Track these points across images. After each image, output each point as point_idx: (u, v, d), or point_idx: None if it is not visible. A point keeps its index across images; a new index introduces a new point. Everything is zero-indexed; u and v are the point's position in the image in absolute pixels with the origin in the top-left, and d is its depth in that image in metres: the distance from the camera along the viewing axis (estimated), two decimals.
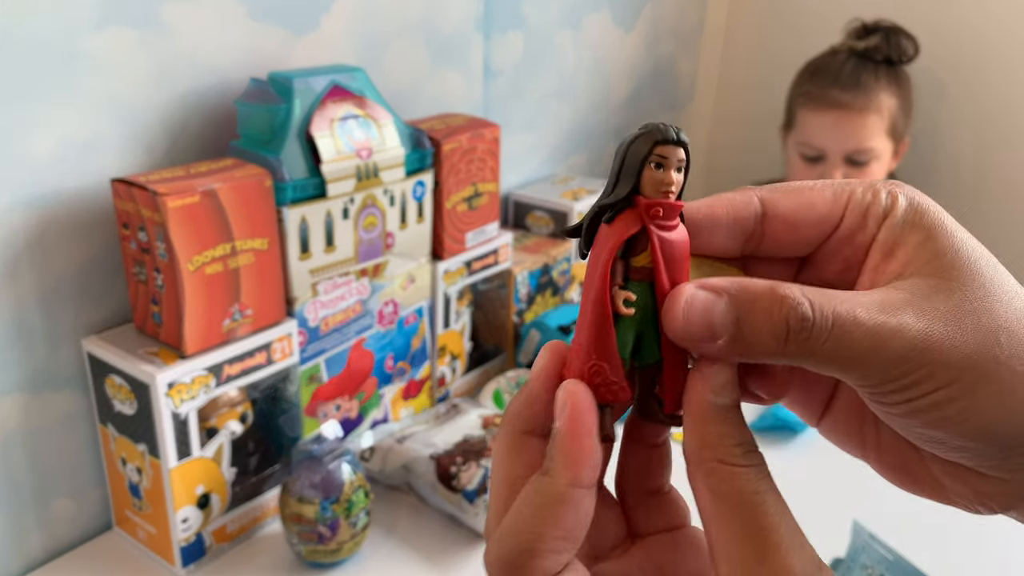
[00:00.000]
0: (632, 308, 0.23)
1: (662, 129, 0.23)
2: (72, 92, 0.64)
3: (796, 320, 0.21)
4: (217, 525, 0.69)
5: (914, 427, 0.23)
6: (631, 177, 0.23)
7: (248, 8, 0.74)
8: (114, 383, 0.65)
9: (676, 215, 0.23)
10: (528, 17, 1.09)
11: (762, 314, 0.21)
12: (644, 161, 0.23)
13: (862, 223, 0.24)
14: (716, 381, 0.22)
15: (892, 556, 0.65)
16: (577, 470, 0.22)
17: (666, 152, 0.22)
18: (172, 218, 0.60)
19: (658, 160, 0.22)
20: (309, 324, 0.73)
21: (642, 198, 0.23)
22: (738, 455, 0.22)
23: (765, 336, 0.21)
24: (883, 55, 1.17)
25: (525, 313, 1.02)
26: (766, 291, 0.21)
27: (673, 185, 0.23)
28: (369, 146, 0.73)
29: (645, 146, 0.23)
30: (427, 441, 0.78)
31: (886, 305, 0.21)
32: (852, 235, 0.24)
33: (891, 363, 0.21)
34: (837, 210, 0.24)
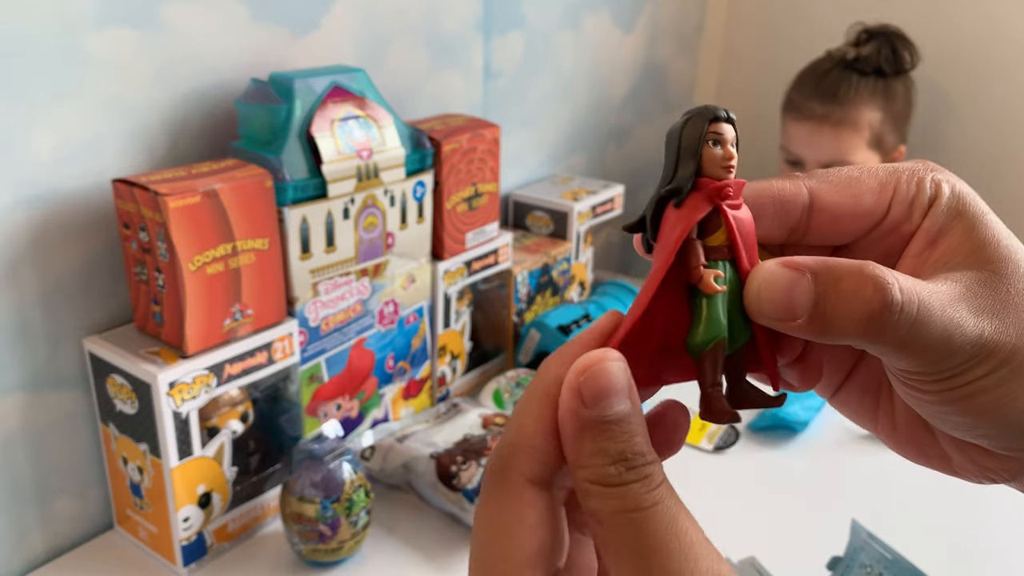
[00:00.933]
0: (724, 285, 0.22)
1: (712, 108, 0.23)
2: (73, 92, 0.64)
3: (885, 303, 0.20)
4: (218, 524, 0.69)
5: (943, 413, 0.23)
6: (692, 158, 0.23)
7: (249, 8, 0.74)
8: (115, 382, 0.65)
9: (740, 193, 0.23)
10: (528, 18, 1.09)
11: (848, 294, 0.21)
12: (702, 140, 0.22)
13: (907, 214, 0.24)
14: (588, 390, 0.20)
15: (891, 555, 0.65)
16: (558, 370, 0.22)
17: (721, 129, 0.23)
18: (173, 218, 0.60)
19: (715, 138, 0.22)
20: (310, 324, 0.73)
21: (708, 179, 0.23)
22: (614, 474, 0.20)
23: (848, 317, 0.21)
24: (872, 66, 1.15)
25: (525, 313, 1.02)
26: (854, 271, 0.21)
27: (734, 160, 0.23)
28: (369, 146, 0.73)
29: (701, 125, 0.23)
30: (427, 440, 0.78)
31: (950, 296, 0.21)
32: (897, 226, 0.24)
33: (950, 352, 0.21)
34: (883, 202, 0.24)
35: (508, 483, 0.21)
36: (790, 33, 1.49)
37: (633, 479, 0.20)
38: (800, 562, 0.68)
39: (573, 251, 1.08)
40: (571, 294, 1.12)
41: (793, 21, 1.49)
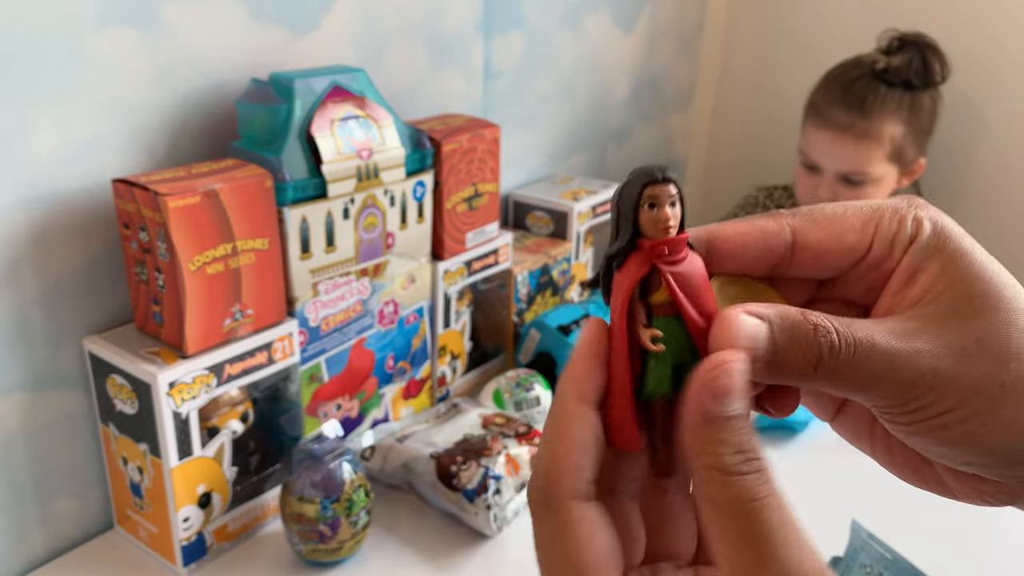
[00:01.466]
0: (661, 344, 0.24)
1: (647, 171, 0.24)
2: (73, 92, 0.64)
3: (826, 348, 0.22)
4: (218, 524, 0.69)
5: (922, 444, 0.24)
6: (629, 222, 0.24)
7: (249, 8, 0.74)
8: (115, 383, 0.65)
9: (682, 248, 0.24)
10: (528, 17, 1.09)
11: (798, 343, 0.22)
12: (637, 204, 0.24)
13: (888, 251, 0.25)
14: (714, 388, 0.22)
15: (891, 555, 0.65)
16: (580, 384, 0.24)
17: (656, 191, 0.23)
18: (173, 218, 0.60)
19: (650, 200, 0.23)
20: (310, 324, 0.73)
21: (645, 240, 0.24)
22: (734, 463, 0.21)
23: (799, 362, 0.22)
24: (902, 78, 1.11)
25: (525, 313, 1.02)
26: (800, 320, 0.23)
27: (670, 221, 0.24)
28: (369, 146, 0.73)
29: (635, 190, 0.24)
30: (427, 440, 0.78)
31: (902, 333, 0.23)
32: (879, 263, 0.25)
33: (903, 387, 0.22)
34: (865, 240, 0.25)
35: (554, 506, 0.23)
36: (790, 33, 1.49)
37: (750, 470, 0.21)
38: None
39: (573, 251, 1.08)
40: (571, 294, 1.12)
41: (793, 21, 1.49)
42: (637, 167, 0.24)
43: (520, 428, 0.80)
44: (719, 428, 0.22)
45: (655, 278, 0.24)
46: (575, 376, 0.24)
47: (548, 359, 0.96)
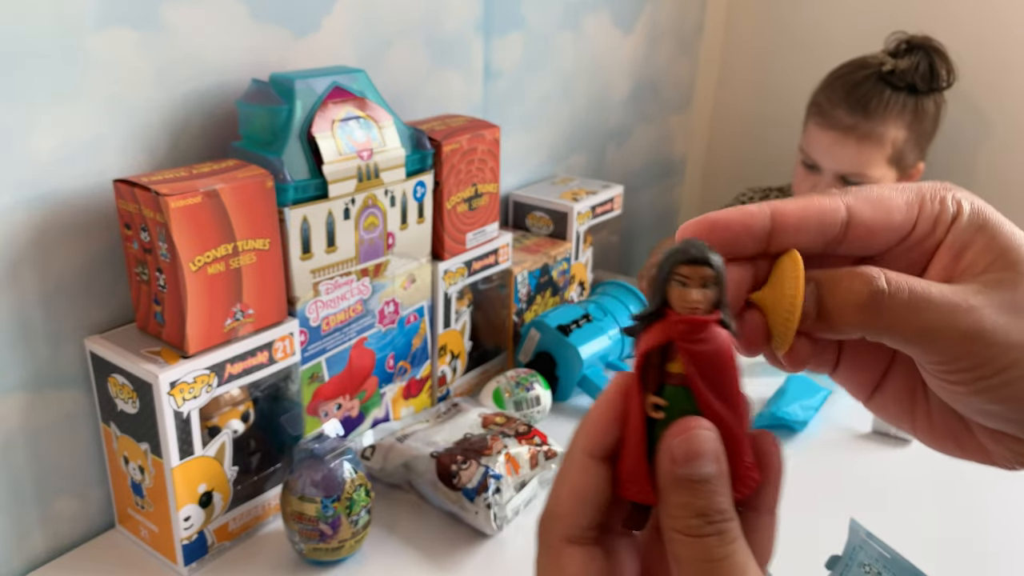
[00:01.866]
0: (662, 412, 0.24)
1: (685, 248, 0.24)
2: (74, 92, 0.64)
3: (872, 291, 0.24)
4: (219, 523, 0.70)
5: (974, 402, 0.25)
6: (658, 293, 0.25)
7: (249, 9, 0.74)
8: (116, 382, 0.65)
9: (704, 330, 0.24)
10: (528, 18, 1.10)
11: (843, 290, 0.24)
12: (667, 279, 0.24)
13: (931, 230, 0.27)
14: (677, 452, 0.23)
15: (889, 554, 0.66)
16: (588, 438, 0.25)
17: (687, 272, 0.24)
18: (174, 218, 0.60)
19: (681, 279, 0.24)
20: (310, 323, 0.73)
21: (672, 312, 0.24)
22: (696, 525, 0.23)
23: (845, 308, 0.24)
24: (907, 81, 1.11)
25: (525, 313, 1.02)
26: (847, 272, 0.25)
27: (698, 303, 0.24)
28: (370, 147, 0.74)
29: (668, 265, 0.24)
30: (428, 440, 0.78)
31: (957, 291, 0.24)
32: (922, 240, 0.27)
33: (962, 339, 0.23)
34: (910, 219, 0.27)
35: (548, 545, 0.25)
36: (789, 34, 1.49)
37: (710, 532, 0.23)
38: (799, 561, 0.68)
39: (573, 251, 1.09)
40: (571, 294, 1.12)
41: (792, 22, 1.49)
42: (686, 239, 0.25)
43: (520, 427, 0.80)
44: (683, 491, 0.23)
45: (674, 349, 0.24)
46: (588, 430, 0.25)
47: (548, 359, 0.96)
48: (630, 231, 1.48)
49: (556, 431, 0.87)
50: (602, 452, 0.25)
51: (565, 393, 0.96)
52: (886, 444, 0.88)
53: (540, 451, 0.78)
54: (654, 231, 1.61)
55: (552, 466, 0.78)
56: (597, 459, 0.25)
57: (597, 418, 0.25)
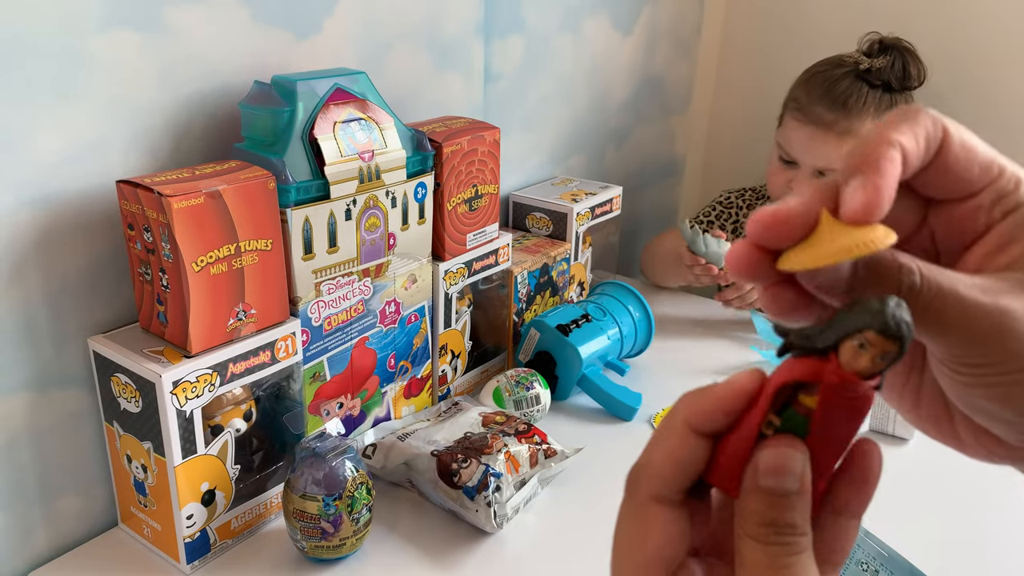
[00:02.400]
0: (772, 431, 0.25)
1: (884, 315, 0.23)
2: (77, 94, 0.65)
3: (907, 285, 0.24)
4: (221, 522, 0.70)
5: (974, 397, 0.25)
6: (834, 336, 0.23)
7: (251, 11, 0.75)
8: (120, 381, 0.66)
9: (856, 392, 0.23)
10: (528, 21, 1.10)
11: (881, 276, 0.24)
12: (851, 334, 0.23)
13: (992, 204, 0.26)
14: (765, 463, 0.24)
15: (887, 552, 0.66)
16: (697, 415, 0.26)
17: (873, 339, 0.23)
18: (177, 219, 0.61)
19: (862, 341, 0.23)
20: (312, 323, 0.74)
21: (836, 361, 0.23)
22: (763, 534, 0.24)
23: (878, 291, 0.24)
24: (883, 79, 1.13)
25: (525, 313, 1.03)
26: (888, 255, 0.24)
27: (864, 372, 0.23)
28: (371, 148, 0.74)
29: (859, 322, 0.23)
30: (428, 438, 0.79)
31: (987, 288, 0.24)
32: (976, 211, 0.26)
33: (980, 338, 0.24)
34: (983, 180, 0.26)
35: (636, 499, 0.26)
36: (787, 35, 1.50)
37: (776, 542, 0.24)
38: None
39: (572, 252, 1.09)
40: (570, 294, 1.13)
41: (790, 23, 1.49)
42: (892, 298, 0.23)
43: (520, 426, 0.81)
44: (761, 499, 0.24)
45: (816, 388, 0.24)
46: (700, 407, 0.26)
47: (547, 358, 0.97)
48: (629, 232, 1.48)
49: (556, 430, 0.88)
50: (705, 431, 0.26)
51: (564, 392, 0.97)
52: (883, 443, 0.89)
53: (540, 450, 0.78)
54: (653, 232, 1.61)
55: (552, 465, 0.78)
56: (697, 434, 0.26)
57: (714, 402, 0.26)
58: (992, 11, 1.30)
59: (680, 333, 1.15)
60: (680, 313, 1.21)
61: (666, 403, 0.96)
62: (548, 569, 0.71)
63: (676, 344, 1.12)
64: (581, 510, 0.78)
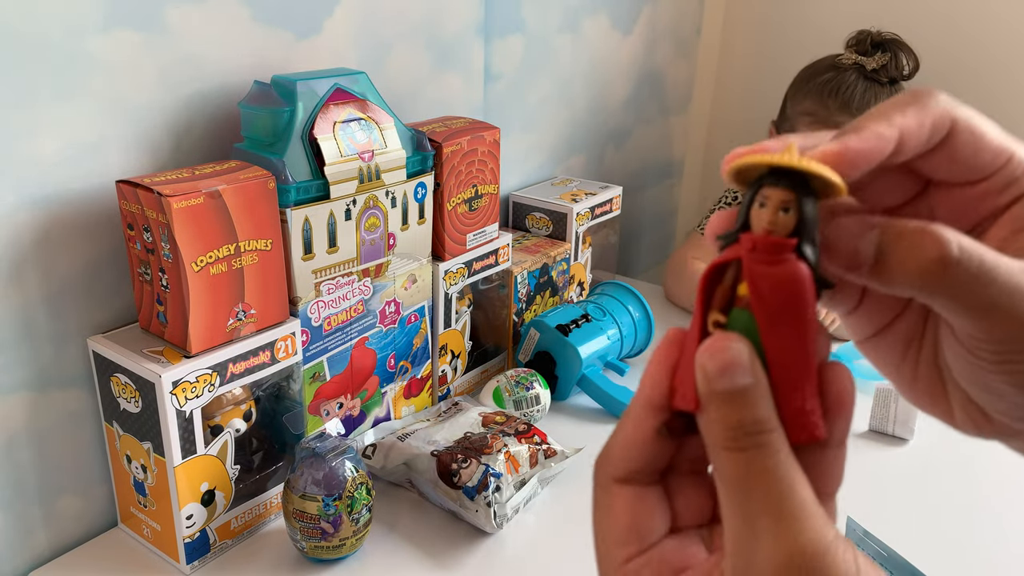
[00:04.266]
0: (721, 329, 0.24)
1: (771, 165, 0.23)
2: (77, 94, 0.64)
3: (942, 256, 0.22)
4: (221, 522, 0.70)
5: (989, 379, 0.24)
6: (742, 214, 0.24)
7: (251, 11, 0.75)
8: (119, 382, 0.66)
9: (781, 252, 0.23)
10: (528, 21, 1.10)
11: (908, 246, 0.22)
12: (752, 199, 0.24)
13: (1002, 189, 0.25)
14: (710, 367, 0.23)
15: (886, 552, 0.66)
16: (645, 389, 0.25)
17: (768, 192, 0.23)
18: (177, 219, 0.61)
19: (761, 199, 0.23)
20: (312, 323, 0.74)
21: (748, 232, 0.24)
22: (733, 437, 0.22)
23: (908, 266, 0.22)
24: (889, 76, 1.15)
25: (525, 313, 1.03)
26: (918, 227, 0.22)
27: (772, 225, 0.23)
28: (371, 148, 0.74)
29: (756, 184, 0.24)
30: (428, 438, 0.79)
31: None
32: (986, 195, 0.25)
33: (1013, 323, 0.22)
34: (994, 166, 0.25)
35: (598, 482, 0.27)
36: (786, 35, 1.50)
37: (750, 445, 0.22)
38: None
39: (572, 252, 1.09)
40: (570, 294, 1.13)
41: (789, 23, 1.49)
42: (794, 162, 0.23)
43: (520, 426, 0.81)
44: (719, 405, 0.23)
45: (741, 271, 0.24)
46: (645, 382, 0.26)
47: (547, 358, 0.97)
48: (629, 232, 1.48)
49: (555, 430, 0.88)
50: (660, 401, 0.25)
51: (564, 392, 0.97)
52: (883, 443, 0.89)
53: (540, 450, 0.78)
54: (653, 232, 1.61)
55: (552, 464, 0.78)
56: (653, 408, 0.25)
57: (653, 369, 0.25)
58: (989, 7, 1.30)
59: None
60: (680, 313, 1.21)
61: None
62: (548, 569, 0.71)
63: None
64: (581, 510, 0.78)
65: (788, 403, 0.23)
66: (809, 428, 0.24)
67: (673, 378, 0.25)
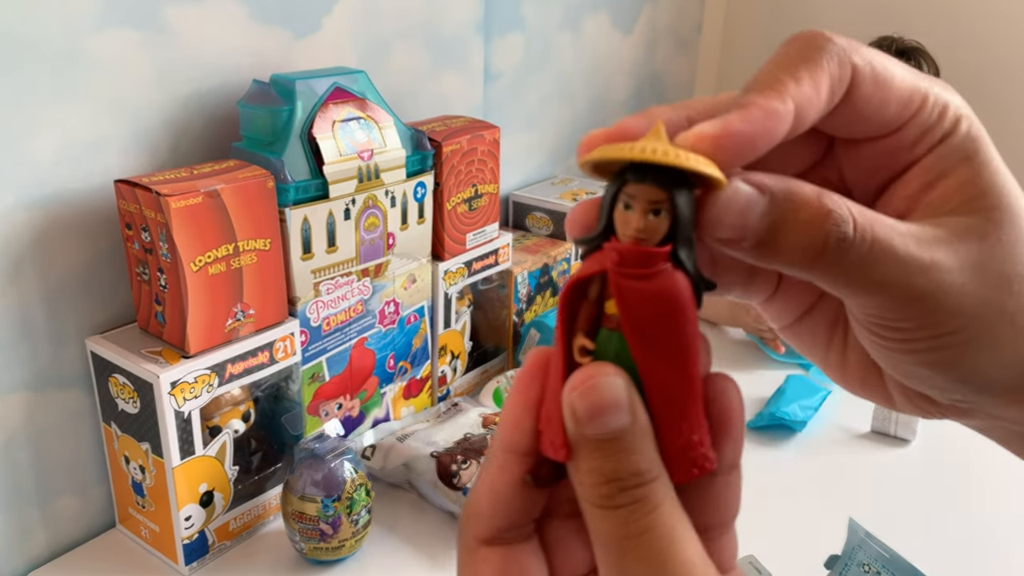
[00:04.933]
0: (589, 357, 0.20)
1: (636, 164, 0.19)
2: (76, 94, 0.64)
3: (835, 238, 0.19)
4: (220, 523, 0.70)
5: (903, 363, 0.22)
6: (604, 215, 0.20)
7: (250, 10, 0.74)
8: (118, 382, 0.65)
9: (652, 263, 0.19)
10: (528, 19, 1.10)
11: (802, 224, 0.19)
12: (613, 200, 0.20)
13: (916, 140, 0.22)
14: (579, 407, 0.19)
15: (888, 553, 0.66)
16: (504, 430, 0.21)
17: (633, 191, 0.19)
18: (175, 219, 0.61)
19: (627, 200, 0.19)
20: (311, 324, 0.74)
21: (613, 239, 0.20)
22: (607, 494, 0.19)
23: (797, 248, 0.19)
24: None
25: (525, 313, 1.03)
26: (812, 199, 0.19)
27: (640, 231, 0.19)
28: (370, 148, 0.74)
29: (615, 183, 0.20)
30: (428, 439, 0.79)
31: (922, 239, 0.20)
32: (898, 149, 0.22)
33: (911, 300, 0.20)
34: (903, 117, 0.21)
35: (464, 545, 0.22)
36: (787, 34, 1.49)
37: (625, 503, 0.19)
38: (798, 560, 0.68)
39: (572, 252, 1.09)
40: None
41: (790, 22, 1.49)
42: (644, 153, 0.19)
43: None
44: (589, 454, 0.19)
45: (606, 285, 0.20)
46: (504, 423, 0.21)
47: None
48: None
49: None
50: (524, 442, 0.21)
51: None
52: (885, 444, 0.88)
53: None
54: None
55: None
56: (518, 454, 0.21)
57: (512, 408, 0.21)
58: (996, 8, 1.30)
59: None
60: None
61: None
62: None
63: None
64: None
65: (672, 439, 0.20)
66: (699, 462, 0.20)
67: (537, 418, 0.21)
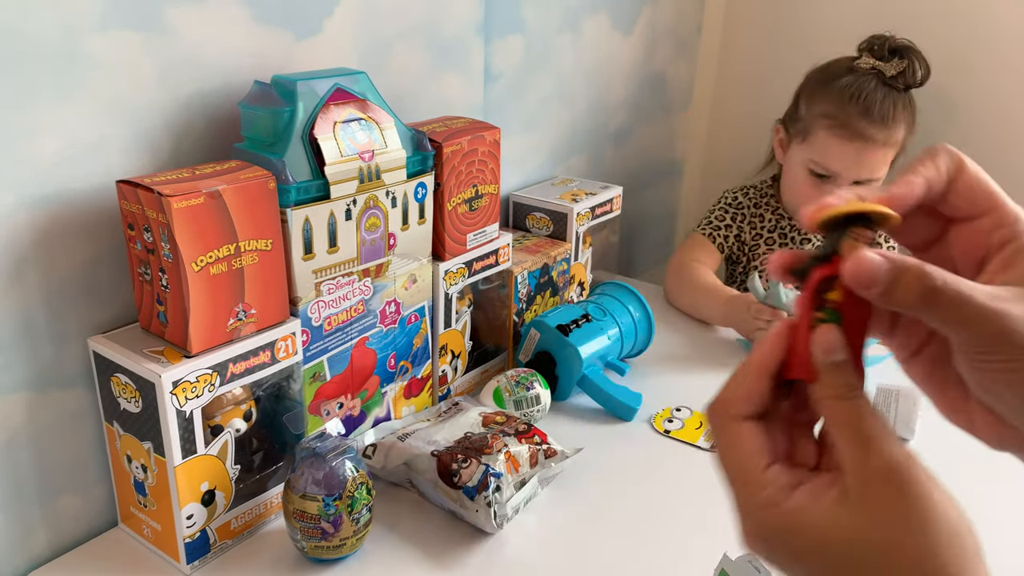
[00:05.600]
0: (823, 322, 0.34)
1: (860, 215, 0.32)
2: (77, 94, 0.64)
3: (930, 287, 0.31)
4: (221, 522, 0.70)
5: (986, 381, 0.32)
6: (832, 244, 0.33)
7: (251, 11, 0.75)
8: (120, 381, 0.66)
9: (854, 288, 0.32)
10: (528, 20, 1.10)
11: (910, 279, 0.31)
12: (844, 234, 0.33)
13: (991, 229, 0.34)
14: (819, 346, 0.33)
15: None
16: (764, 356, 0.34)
17: (859, 232, 0.33)
18: (177, 219, 0.61)
19: (855, 236, 0.33)
20: (312, 323, 0.74)
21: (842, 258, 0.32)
22: (841, 394, 0.33)
23: (908, 292, 0.31)
24: (906, 83, 1.16)
25: (525, 313, 1.03)
26: (915, 264, 0.31)
27: None
28: (371, 148, 0.74)
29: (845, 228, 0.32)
30: (428, 438, 0.79)
31: (994, 295, 0.31)
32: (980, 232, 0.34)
33: (987, 335, 0.31)
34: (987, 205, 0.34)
35: (720, 424, 0.35)
36: (787, 34, 1.50)
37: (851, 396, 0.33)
38: None
39: (572, 251, 1.09)
40: (570, 294, 1.13)
41: (789, 23, 1.49)
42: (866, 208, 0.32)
43: (520, 426, 0.81)
44: (829, 371, 0.33)
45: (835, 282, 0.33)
46: (764, 351, 0.35)
47: (548, 358, 0.97)
48: (630, 232, 1.48)
49: (556, 430, 0.88)
50: (773, 367, 0.34)
51: (565, 392, 0.97)
52: None
53: (540, 450, 0.78)
54: (653, 231, 1.61)
55: (552, 465, 0.78)
56: (769, 373, 0.34)
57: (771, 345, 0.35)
58: (990, 9, 1.30)
59: (680, 333, 1.15)
60: (680, 313, 1.21)
61: (666, 403, 0.96)
62: (548, 569, 0.71)
63: (676, 344, 1.12)
64: (581, 510, 0.78)
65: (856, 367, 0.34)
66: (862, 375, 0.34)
67: (791, 354, 0.34)
